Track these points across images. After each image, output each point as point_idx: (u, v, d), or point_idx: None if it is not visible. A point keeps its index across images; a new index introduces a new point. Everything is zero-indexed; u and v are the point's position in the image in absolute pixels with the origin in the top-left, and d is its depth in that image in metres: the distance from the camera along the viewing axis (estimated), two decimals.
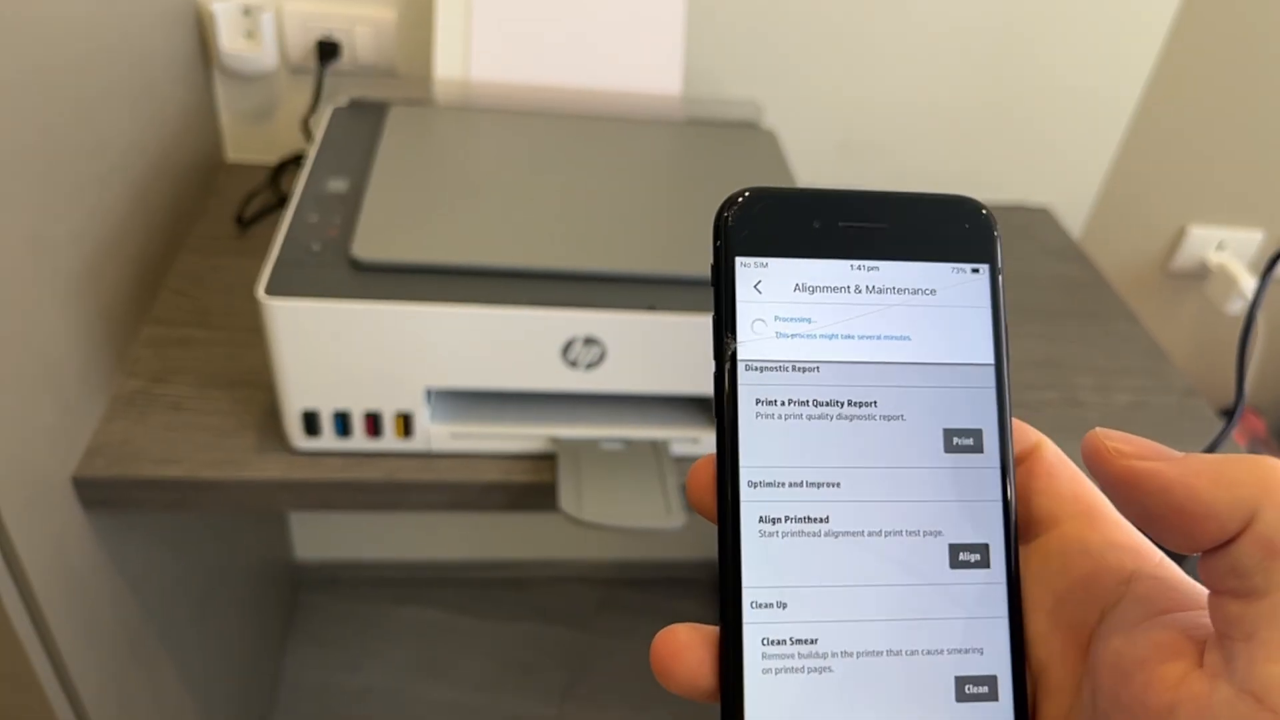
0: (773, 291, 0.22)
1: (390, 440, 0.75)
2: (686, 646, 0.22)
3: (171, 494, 0.74)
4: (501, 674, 1.46)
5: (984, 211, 0.23)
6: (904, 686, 0.21)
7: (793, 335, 0.22)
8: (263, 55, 1.00)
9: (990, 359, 0.22)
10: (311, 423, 0.73)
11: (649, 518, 0.72)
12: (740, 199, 0.23)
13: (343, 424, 0.74)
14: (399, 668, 1.44)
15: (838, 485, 0.21)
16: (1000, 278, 0.23)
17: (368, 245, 0.71)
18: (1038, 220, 1.20)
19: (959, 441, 0.22)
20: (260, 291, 0.67)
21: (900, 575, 0.21)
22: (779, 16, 1.06)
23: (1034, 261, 1.12)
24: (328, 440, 0.75)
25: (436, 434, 0.75)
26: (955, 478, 0.22)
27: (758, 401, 0.22)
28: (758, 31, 1.07)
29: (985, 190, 1.21)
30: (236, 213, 0.99)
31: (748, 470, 0.21)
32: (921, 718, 0.20)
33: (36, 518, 0.67)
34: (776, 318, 0.22)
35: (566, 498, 0.72)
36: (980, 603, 0.21)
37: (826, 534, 0.21)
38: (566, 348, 0.71)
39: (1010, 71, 1.12)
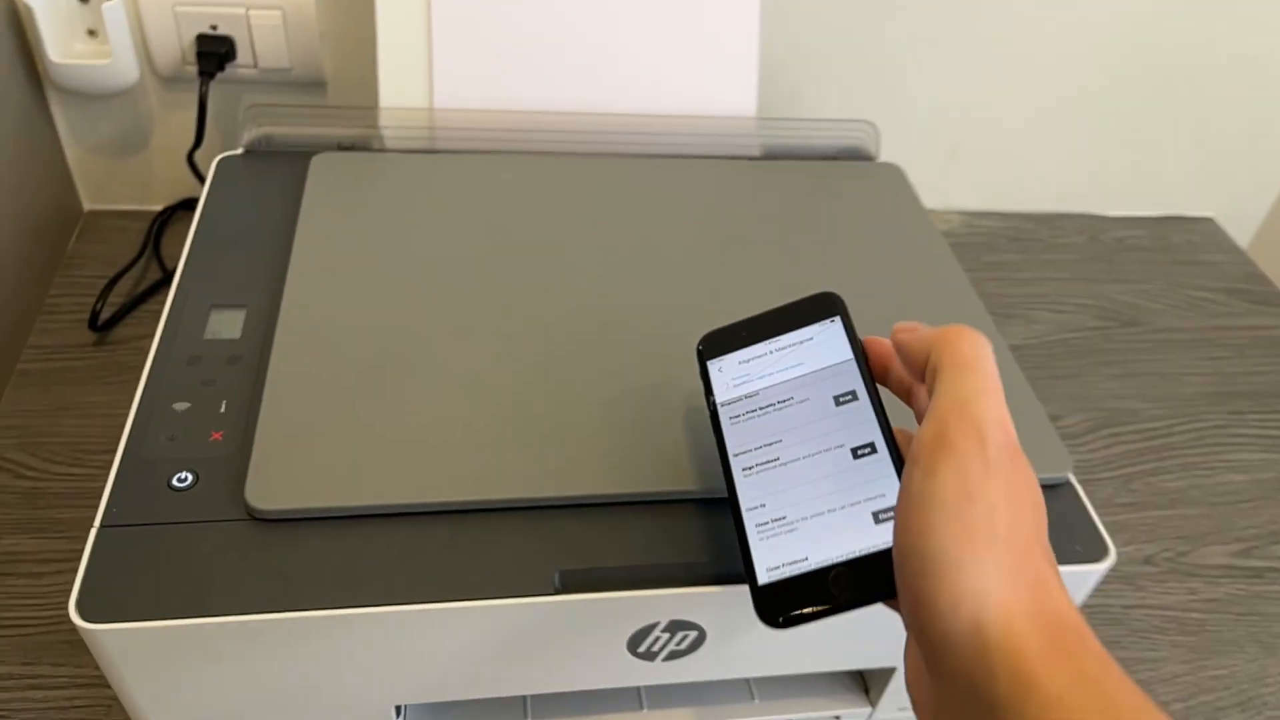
0: (728, 370, 0.39)
1: None
2: None
3: None
4: None
5: (832, 293, 0.39)
6: (843, 525, 0.33)
7: (740, 382, 0.38)
8: (115, 63, 0.65)
9: (850, 356, 0.37)
10: None
11: None
12: (702, 341, 0.40)
13: None
14: None
15: (780, 441, 0.36)
16: (844, 318, 0.39)
17: (271, 481, 0.39)
18: (1202, 233, 0.89)
19: (843, 399, 0.36)
20: (74, 613, 0.36)
21: (827, 470, 0.35)
22: (869, 7, 0.73)
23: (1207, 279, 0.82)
24: None
25: None
26: (845, 415, 0.36)
27: (730, 418, 0.38)
28: (842, 24, 0.74)
29: (1116, 200, 0.90)
30: (91, 309, 0.66)
31: (732, 451, 0.37)
32: (858, 538, 0.33)
33: None
34: (731, 380, 0.39)
35: None
36: (876, 471, 0.34)
37: (779, 465, 0.36)
38: (640, 637, 0.41)
39: (1162, 62, 0.80)
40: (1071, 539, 0.43)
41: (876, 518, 0.33)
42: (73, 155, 0.72)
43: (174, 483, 0.40)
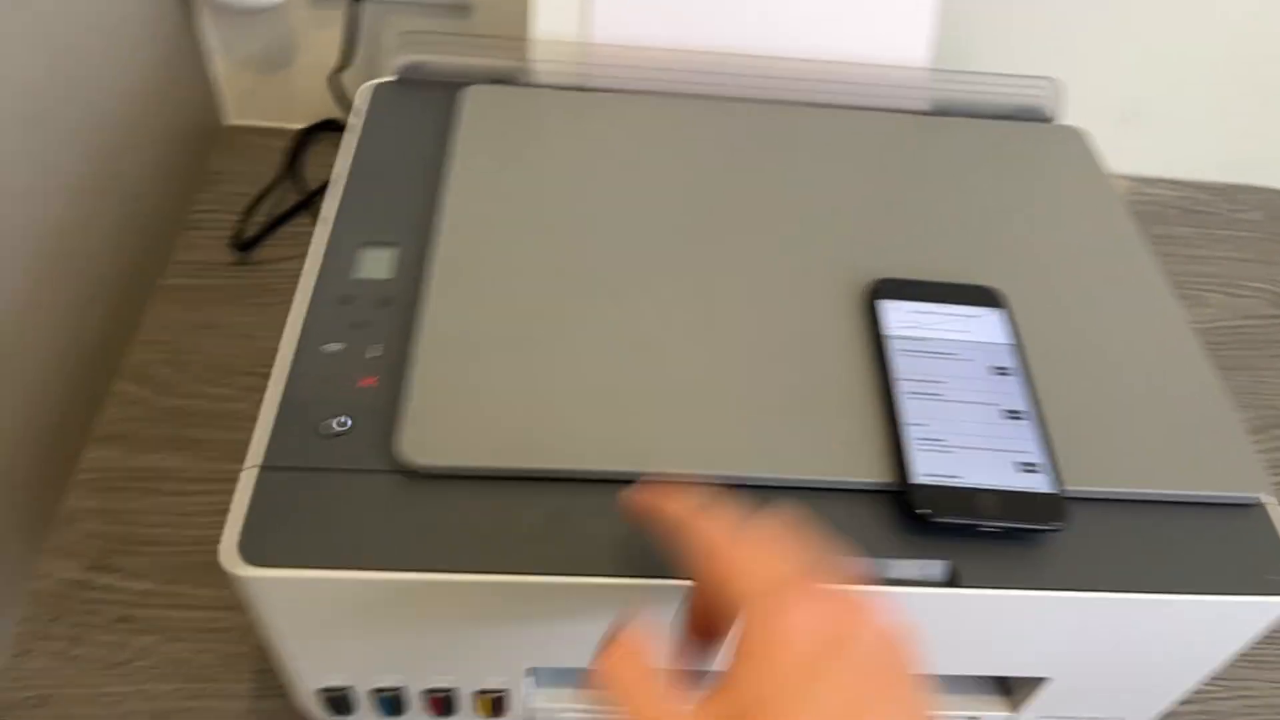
0: (899, 313, 0.44)
1: None
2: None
3: None
4: None
5: (993, 289, 0.45)
6: (992, 464, 0.38)
7: (910, 327, 0.43)
8: None
9: (1007, 342, 0.43)
10: (340, 704, 0.44)
11: None
12: (877, 283, 0.45)
13: (391, 705, 0.43)
14: None
15: (944, 383, 0.41)
16: (1007, 311, 0.44)
17: (424, 436, 0.38)
18: None
19: (998, 370, 0.42)
20: (225, 555, 0.36)
21: (981, 419, 0.40)
22: None
23: None
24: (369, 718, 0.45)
25: (542, 710, 0.45)
26: (999, 383, 0.41)
27: (900, 350, 0.42)
28: None
29: None
30: (233, 231, 0.66)
31: (900, 375, 0.41)
32: (1005, 476, 0.38)
33: None
34: (902, 321, 0.43)
35: None
36: (1023, 433, 0.39)
37: (940, 400, 0.40)
38: None
39: None
40: (1263, 567, 0.39)
41: (1020, 467, 0.39)
42: (219, 69, 0.72)
43: (327, 428, 0.39)
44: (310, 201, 0.69)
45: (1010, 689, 0.47)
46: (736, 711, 0.25)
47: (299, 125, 0.74)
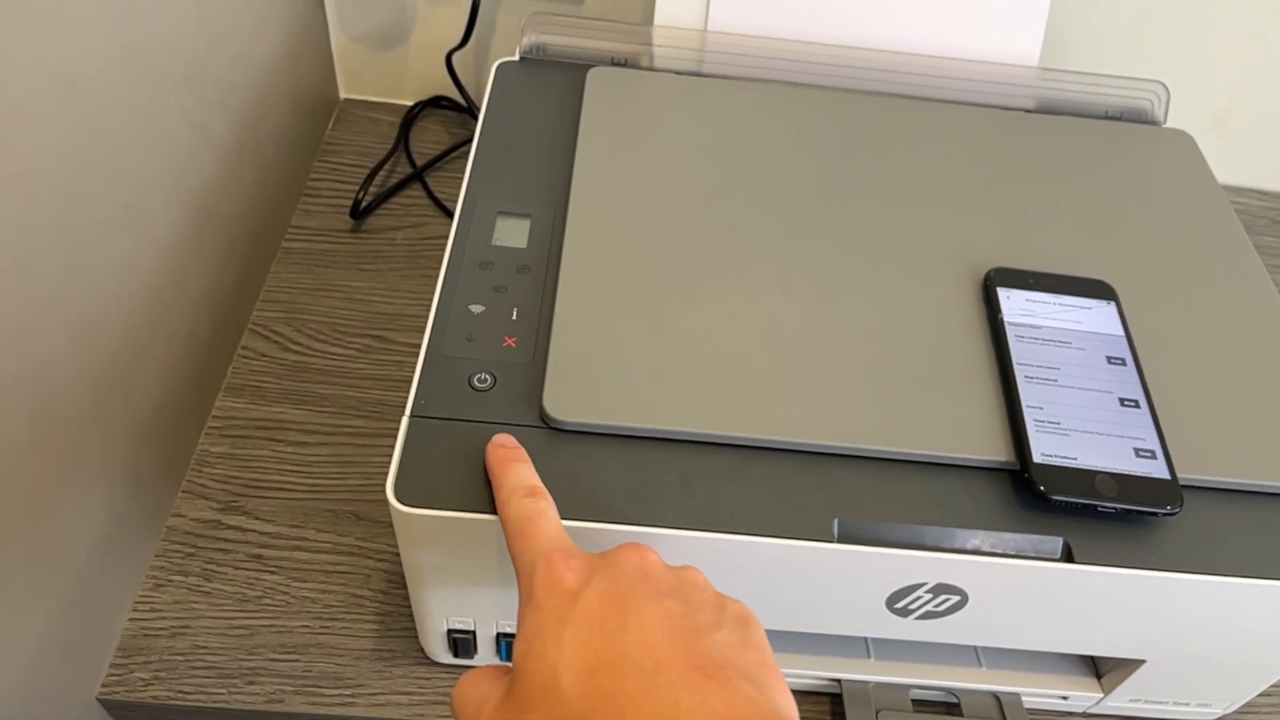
0: (1015, 300, 0.45)
1: None
2: None
3: None
4: None
5: (1107, 282, 0.47)
6: (1108, 447, 0.40)
7: (1026, 315, 0.45)
8: None
9: (1121, 334, 0.45)
10: (464, 646, 0.46)
11: None
12: (994, 270, 0.47)
13: (510, 647, 0.46)
14: None
15: (1060, 369, 0.43)
16: (1118, 304, 0.46)
17: (566, 395, 0.41)
18: None
19: (1112, 359, 0.44)
20: (392, 495, 0.38)
21: (1097, 405, 0.42)
22: None
23: None
24: (487, 660, 0.47)
25: None
26: (1114, 372, 0.43)
27: (1016, 336, 0.44)
28: None
29: None
30: (353, 198, 0.69)
31: (1017, 360, 0.43)
32: (1120, 460, 0.40)
33: None
34: (1018, 308, 0.45)
35: None
36: (1138, 420, 0.41)
37: (1057, 385, 0.42)
38: (901, 594, 0.41)
39: None
40: None
41: (1136, 452, 0.40)
42: (337, 44, 0.75)
43: (474, 383, 0.41)
44: (420, 174, 0.72)
45: (1102, 672, 0.49)
46: (519, 655, 0.31)
47: (408, 101, 0.77)
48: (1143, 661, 0.45)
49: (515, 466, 0.37)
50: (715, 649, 0.30)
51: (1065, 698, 0.49)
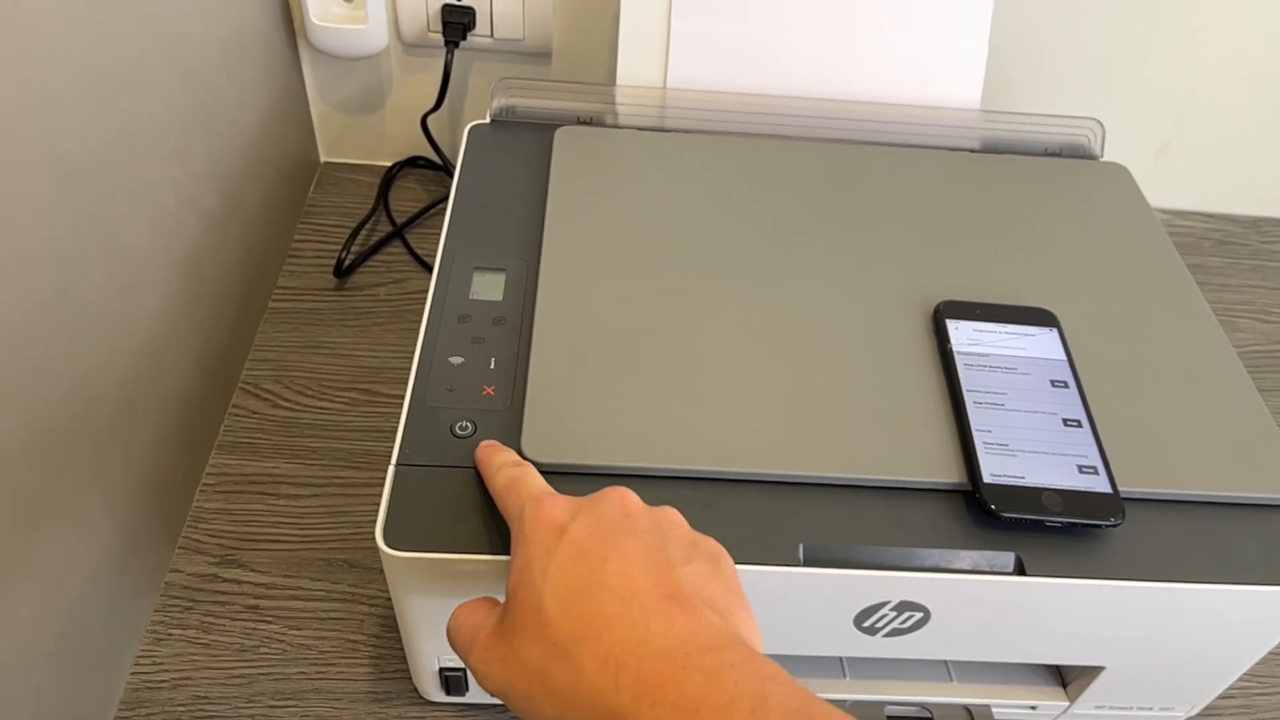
0: (963, 331, 0.49)
1: None
2: None
3: None
4: None
5: (1049, 310, 0.50)
6: (1053, 465, 0.43)
7: (974, 344, 0.48)
8: (369, 29, 0.70)
9: (1063, 358, 0.48)
10: (455, 684, 0.48)
11: None
12: (942, 304, 0.50)
13: None
14: None
15: (1006, 394, 0.46)
16: (1059, 331, 0.49)
17: (544, 436, 0.43)
18: None
19: (1055, 383, 0.47)
20: (381, 540, 0.40)
21: (1041, 426, 0.45)
22: None
23: None
24: (479, 697, 0.49)
25: None
26: (1057, 395, 0.46)
27: (965, 364, 0.47)
28: (1058, 15, 0.73)
29: None
30: (336, 257, 0.71)
31: (966, 386, 0.46)
32: (1065, 477, 0.43)
33: None
34: (966, 338, 0.48)
35: None
36: (1080, 439, 0.44)
37: (1004, 409, 0.45)
38: (866, 614, 0.43)
39: None
40: None
41: (1079, 469, 0.43)
42: (317, 110, 0.78)
43: (456, 430, 0.44)
44: (400, 232, 0.75)
45: (1067, 680, 0.51)
46: (511, 586, 0.34)
47: (386, 162, 0.80)
48: (1102, 668, 0.47)
49: (501, 451, 0.42)
50: (686, 580, 0.33)
51: (1034, 707, 0.51)
